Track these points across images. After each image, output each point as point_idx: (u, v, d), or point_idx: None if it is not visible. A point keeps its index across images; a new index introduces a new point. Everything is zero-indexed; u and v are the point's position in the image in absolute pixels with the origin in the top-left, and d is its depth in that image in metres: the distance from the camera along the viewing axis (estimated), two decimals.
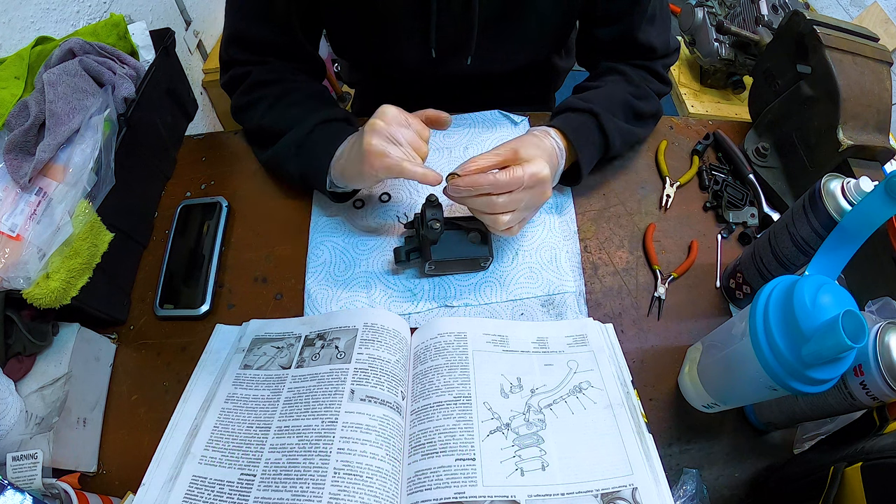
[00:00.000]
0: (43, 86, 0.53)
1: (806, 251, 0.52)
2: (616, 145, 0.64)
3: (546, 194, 0.55)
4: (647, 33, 0.67)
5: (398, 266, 0.61)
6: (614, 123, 0.63)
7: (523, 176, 0.51)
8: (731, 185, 0.71)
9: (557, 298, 0.60)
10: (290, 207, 0.68)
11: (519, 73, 0.76)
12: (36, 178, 0.51)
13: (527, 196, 0.53)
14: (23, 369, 0.49)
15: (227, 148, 0.75)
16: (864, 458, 0.40)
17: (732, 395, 0.49)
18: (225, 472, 0.47)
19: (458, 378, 0.51)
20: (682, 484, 0.49)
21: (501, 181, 0.51)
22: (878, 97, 0.64)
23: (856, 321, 0.35)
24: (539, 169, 0.52)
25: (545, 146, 0.57)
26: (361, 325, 0.55)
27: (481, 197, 0.52)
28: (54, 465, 0.47)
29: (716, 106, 1.52)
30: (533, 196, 0.53)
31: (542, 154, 0.55)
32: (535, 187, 0.53)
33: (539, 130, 0.61)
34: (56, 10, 0.91)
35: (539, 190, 0.54)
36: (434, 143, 0.72)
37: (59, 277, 0.49)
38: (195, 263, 0.62)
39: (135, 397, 0.56)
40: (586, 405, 0.51)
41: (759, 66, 0.76)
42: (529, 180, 0.52)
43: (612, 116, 0.63)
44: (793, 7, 0.98)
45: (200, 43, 1.45)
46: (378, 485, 0.44)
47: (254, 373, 0.54)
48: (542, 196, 0.55)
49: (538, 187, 0.53)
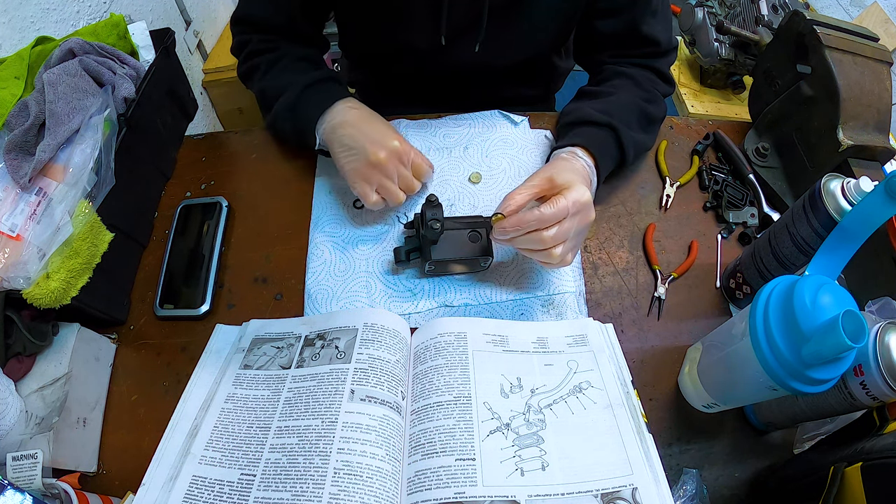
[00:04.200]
0: (43, 86, 0.53)
1: (806, 251, 0.52)
2: (630, 160, 0.65)
3: (590, 217, 0.54)
4: (652, 26, 0.67)
5: (398, 266, 0.61)
6: (631, 138, 0.64)
7: (567, 204, 0.51)
8: (731, 185, 0.71)
9: (557, 298, 0.60)
10: (290, 207, 0.68)
11: (521, 69, 0.76)
12: (36, 178, 0.51)
13: (573, 224, 0.52)
14: (23, 369, 0.49)
15: (227, 148, 0.75)
16: (864, 458, 0.40)
17: (732, 395, 0.49)
18: (225, 472, 0.47)
19: (458, 378, 0.51)
20: (682, 484, 0.49)
21: (547, 215, 0.50)
22: (878, 97, 0.64)
23: (856, 321, 0.35)
24: (581, 194, 0.52)
25: (578, 168, 0.57)
26: (361, 325, 0.55)
27: (529, 234, 0.51)
28: (54, 465, 0.47)
29: (716, 106, 1.52)
30: (579, 222, 0.53)
31: (577, 178, 0.54)
32: (580, 213, 0.52)
33: (566, 153, 0.60)
34: (56, 10, 0.91)
35: (584, 214, 0.53)
36: (434, 143, 0.72)
37: (59, 277, 0.49)
38: (195, 263, 0.62)
39: (135, 397, 0.56)
40: (586, 405, 0.51)
41: (759, 66, 0.76)
42: (574, 207, 0.51)
43: (629, 130, 0.64)
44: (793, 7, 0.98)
45: (200, 43, 1.45)
46: (378, 485, 0.44)
47: (254, 373, 0.54)
48: (587, 219, 0.54)
49: (583, 212, 0.53)
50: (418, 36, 0.70)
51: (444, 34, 0.68)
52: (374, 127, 0.61)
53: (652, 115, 0.67)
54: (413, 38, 0.70)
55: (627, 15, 0.67)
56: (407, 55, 0.74)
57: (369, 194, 0.59)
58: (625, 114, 0.64)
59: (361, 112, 0.63)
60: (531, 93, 0.89)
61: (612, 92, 0.67)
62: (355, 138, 0.60)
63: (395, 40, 0.72)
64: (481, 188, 0.68)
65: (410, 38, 0.70)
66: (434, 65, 0.74)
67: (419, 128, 0.74)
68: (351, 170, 0.60)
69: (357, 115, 0.62)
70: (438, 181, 0.69)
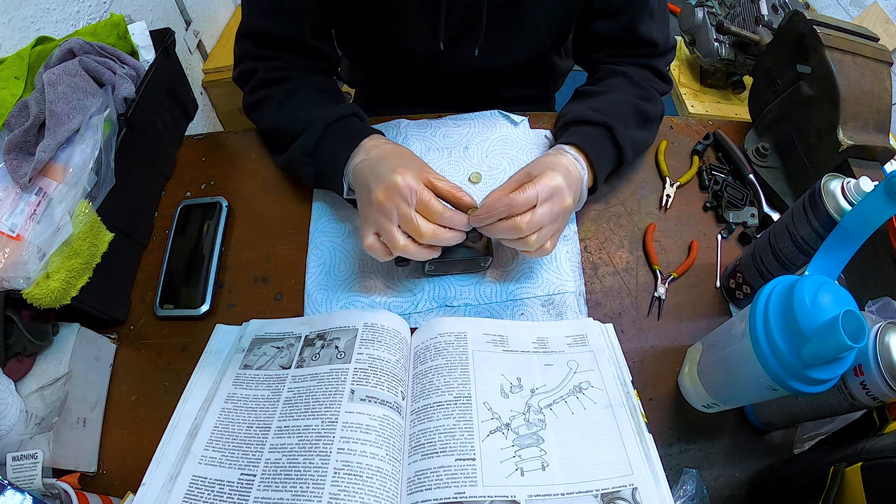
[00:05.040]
0: (43, 86, 0.53)
1: (806, 251, 0.52)
2: (629, 157, 0.65)
3: (566, 202, 0.54)
4: (649, 27, 0.67)
5: (398, 266, 0.61)
6: (628, 136, 0.63)
7: (536, 190, 0.51)
8: (731, 185, 0.71)
9: (557, 298, 0.60)
10: (290, 207, 0.68)
11: (521, 70, 0.76)
12: (36, 178, 0.51)
13: (547, 210, 0.52)
14: (23, 369, 0.49)
15: (227, 148, 0.75)
16: (864, 458, 0.40)
17: (732, 395, 0.49)
18: (225, 472, 0.47)
19: (458, 378, 0.51)
20: (682, 484, 0.49)
21: (516, 201, 0.51)
22: (878, 97, 0.64)
23: (856, 321, 0.35)
24: (551, 179, 0.52)
25: (559, 162, 0.57)
26: (361, 325, 0.55)
27: (503, 223, 0.52)
28: (54, 465, 0.47)
29: (716, 106, 1.52)
30: (552, 207, 0.52)
31: (554, 168, 0.54)
32: (553, 197, 0.52)
33: (554, 150, 0.60)
34: (56, 10, 0.91)
35: (557, 199, 0.53)
36: (434, 143, 0.72)
37: (59, 277, 0.49)
38: (195, 263, 0.62)
39: (135, 397, 0.56)
40: (586, 405, 0.51)
41: (759, 66, 0.76)
42: (544, 192, 0.52)
43: (625, 128, 0.63)
44: (793, 7, 0.98)
45: (200, 43, 1.45)
46: (378, 485, 0.44)
47: (254, 373, 0.54)
48: (563, 204, 0.53)
49: (555, 197, 0.53)
50: (417, 41, 0.69)
51: (442, 39, 0.67)
52: (385, 162, 0.54)
53: (648, 112, 0.67)
54: (411, 43, 0.70)
55: (625, 16, 0.67)
56: (406, 59, 0.74)
57: (366, 236, 0.53)
58: (620, 112, 0.64)
59: (386, 148, 0.57)
60: (531, 93, 0.89)
61: (608, 91, 0.67)
62: (365, 175, 0.55)
63: (394, 45, 0.71)
64: (481, 188, 0.68)
65: (409, 43, 0.70)
66: (433, 68, 0.74)
67: (419, 128, 0.74)
68: (359, 213, 0.56)
69: (379, 153, 0.56)
70: None
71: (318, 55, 0.70)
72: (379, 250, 0.53)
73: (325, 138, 0.60)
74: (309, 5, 0.64)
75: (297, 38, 0.66)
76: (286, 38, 0.66)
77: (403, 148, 0.58)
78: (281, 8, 0.63)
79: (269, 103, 0.66)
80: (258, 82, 0.66)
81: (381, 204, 0.51)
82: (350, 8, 0.66)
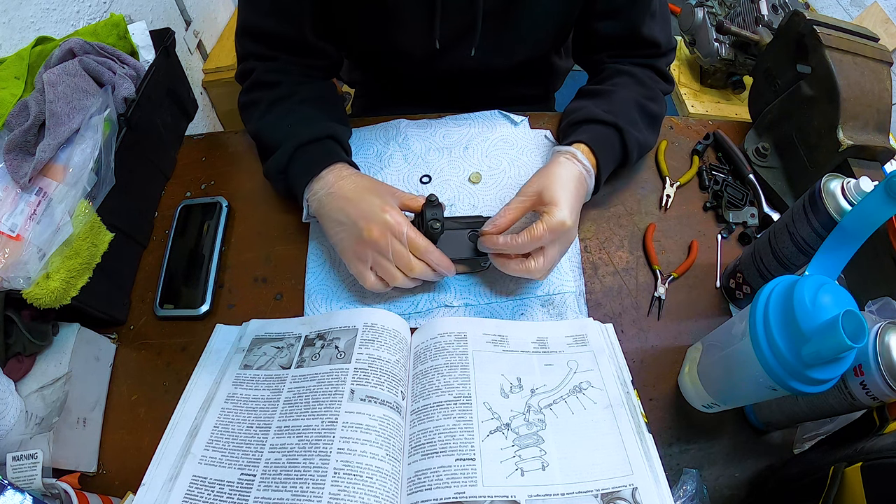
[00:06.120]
0: (43, 86, 0.53)
1: (806, 251, 0.52)
2: (633, 160, 0.65)
3: (571, 239, 0.56)
4: (651, 27, 0.67)
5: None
6: (635, 138, 0.63)
7: (545, 232, 0.53)
8: (731, 185, 0.71)
9: (557, 298, 0.60)
10: (290, 207, 0.68)
11: (520, 70, 0.76)
12: (36, 178, 0.51)
13: (556, 251, 0.55)
14: (23, 369, 0.49)
15: (227, 148, 0.75)
16: (864, 458, 0.40)
17: (732, 395, 0.49)
18: (225, 472, 0.47)
19: (458, 378, 0.51)
20: (682, 484, 0.49)
21: (521, 243, 0.53)
22: (878, 97, 0.64)
23: (856, 321, 0.35)
24: (560, 222, 0.53)
25: (573, 177, 0.57)
26: (361, 325, 0.55)
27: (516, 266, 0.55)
28: (54, 465, 0.47)
29: (716, 106, 1.52)
30: (561, 248, 0.55)
31: (567, 194, 0.55)
32: (560, 239, 0.54)
33: (567, 153, 0.60)
34: (56, 10, 0.91)
35: (564, 238, 0.55)
36: (434, 143, 0.72)
37: (59, 277, 0.49)
38: (195, 263, 0.62)
39: (135, 397, 0.56)
40: (586, 405, 0.51)
41: (759, 66, 0.76)
42: (551, 236, 0.53)
43: (634, 130, 0.64)
44: (793, 7, 0.98)
45: (200, 43, 1.45)
46: (378, 485, 0.44)
47: (254, 373, 0.54)
48: (568, 243, 0.56)
49: (563, 237, 0.54)
50: (412, 42, 0.69)
51: (438, 39, 0.67)
52: (367, 200, 0.55)
53: (654, 112, 0.67)
54: (407, 44, 0.69)
55: (627, 17, 0.66)
56: (403, 59, 0.74)
57: (366, 275, 0.55)
58: (629, 112, 0.64)
59: (353, 181, 0.58)
60: (530, 92, 0.89)
61: (614, 90, 0.67)
62: (346, 212, 0.55)
63: (390, 45, 0.70)
64: (481, 188, 0.68)
65: (405, 44, 0.69)
66: (431, 68, 0.74)
67: (419, 128, 0.74)
68: (343, 248, 0.57)
69: (349, 186, 0.57)
70: (438, 181, 0.69)
71: (319, 54, 0.69)
72: (380, 287, 0.56)
73: (294, 160, 0.60)
74: (307, 3, 0.63)
75: (297, 36, 0.65)
76: (286, 37, 0.65)
77: (370, 178, 0.60)
78: (280, 6, 0.63)
79: (256, 108, 0.65)
80: (253, 83, 0.66)
81: (376, 242, 0.53)
82: (345, 7, 0.66)
